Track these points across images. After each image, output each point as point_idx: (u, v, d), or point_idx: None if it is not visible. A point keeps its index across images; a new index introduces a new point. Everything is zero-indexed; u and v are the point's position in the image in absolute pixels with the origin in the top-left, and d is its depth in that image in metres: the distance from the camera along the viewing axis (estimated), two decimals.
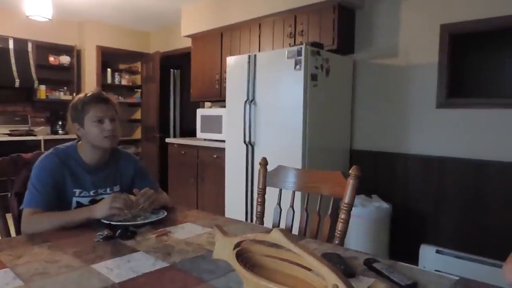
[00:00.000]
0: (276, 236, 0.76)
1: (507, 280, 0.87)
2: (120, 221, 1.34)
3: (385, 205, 2.92)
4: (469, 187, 2.74)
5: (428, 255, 2.72)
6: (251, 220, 3.16)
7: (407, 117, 3.06)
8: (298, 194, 1.85)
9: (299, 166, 2.79)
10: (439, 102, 2.87)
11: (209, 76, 4.34)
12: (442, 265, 2.60)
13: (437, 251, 2.68)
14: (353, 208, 1.43)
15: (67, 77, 5.37)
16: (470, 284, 0.92)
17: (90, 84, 5.42)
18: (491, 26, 2.65)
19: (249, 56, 3.15)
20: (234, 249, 0.88)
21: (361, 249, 1.30)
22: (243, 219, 3.22)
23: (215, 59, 4.26)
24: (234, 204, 3.35)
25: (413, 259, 2.77)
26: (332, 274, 0.67)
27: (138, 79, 6.20)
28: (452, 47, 2.82)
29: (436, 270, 2.31)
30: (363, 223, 2.81)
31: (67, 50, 5.34)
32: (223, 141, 3.59)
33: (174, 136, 6.05)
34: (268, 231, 0.80)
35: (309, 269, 0.80)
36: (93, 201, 1.51)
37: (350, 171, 1.40)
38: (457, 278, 0.95)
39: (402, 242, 3.02)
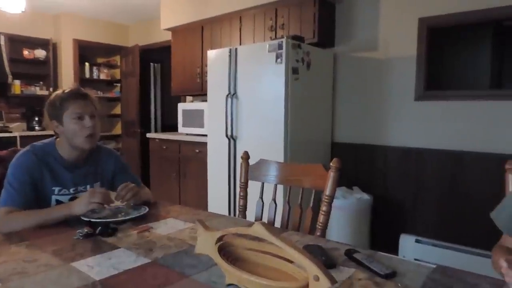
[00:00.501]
0: (258, 230, 0.77)
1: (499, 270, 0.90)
2: (100, 218, 1.32)
3: (365, 196, 2.97)
4: (447, 177, 2.81)
5: (408, 244, 2.79)
6: (234, 214, 3.16)
7: (387, 109, 3.10)
8: (280, 187, 1.86)
9: (281, 159, 2.81)
10: (417, 95, 2.92)
11: (190, 70, 4.30)
12: (421, 254, 2.67)
13: (416, 240, 2.75)
14: (334, 200, 1.45)
15: (43, 71, 5.23)
16: (446, 271, 0.95)
17: (67, 78, 5.29)
18: (467, 19, 2.71)
19: (230, 49, 3.13)
20: (216, 243, 0.88)
21: (342, 240, 1.32)
22: (226, 213, 3.22)
23: (195, 52, 4.22)
24: (217, 199, 3.35)
25: (393, 248, 2.83)
26: (313, 266, 0.68)
27: (117, 73, 6.09)
28: (430, 41, 2.87)
29: (415, 259, 2.37)
30: (344, 215, 2.86)
31: (42, 43, 5.19)
32: (205, 135, 3.57)
33: (155, 131, 5.99)
34: (250, 224, 0.80)
35: (291, 261, 0.81)
36: (73, 199, 1.48)
37: (331, 164, 1.42)
38: (435, 266, 0.97)
39: (382, 232, 3.08)
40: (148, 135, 4.54)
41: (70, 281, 0.88)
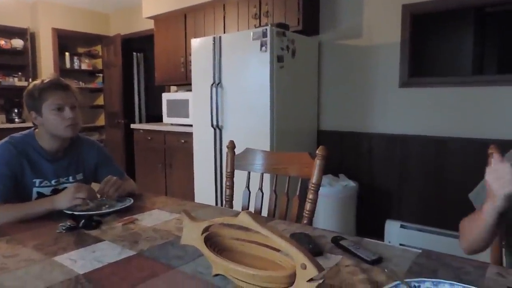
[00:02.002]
0: (244, 219, 0.76)
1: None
2: (83, 211, 1.30)
3: (351, 183, 3.00)
4: (431, 163, 2.85)
5: (393, 230, 2.83)
6: (221, 204, 3.15)
7: (372, 97, 3.12)
8: (266, 176, 1.86)
9: (267, 148, 2.80)
10: (401, 82, 2.94)
11: (174, 59, 4.23)
12: (407, 239, 2.72)
13: (402, 226, 2.79)
14: (320, 188, 1.45)
15: (21, 61, 5.07)
16: (431, 255, 0.96)
17: (47, 69, 5.15)
18: (449, 5, 2.72)
19: (214, 38, 3.08)
20: (202, 233, 0.87)
21: (329, 228, 1.32)
22: (213, 203, 3.21)
23: (179, 41, 4.15)
24: (204, 189, 3.33)
25: (379, 234, 2.87)
26: (299, 254, 0.68)
27: (99, 63, 5.96)
28: (413, 27, 2.88)
29: (400, 244, 2.41)
30: (331, 202, 2.88)
31: (19, 32, 5.03)
32: (191, 125, 3.54)
33: (140, 122, 5.91)
34: (236, 214, 0.79)
35: (278, 250, 0.81)
36: (55, 191, 1.45)
37: (317, 152, 1.42)
38: (420, 251, 0.98)
39: (368, 218, 3.12)
40: (132, 126, 4.47)
41: (53, 275, 0.86)
